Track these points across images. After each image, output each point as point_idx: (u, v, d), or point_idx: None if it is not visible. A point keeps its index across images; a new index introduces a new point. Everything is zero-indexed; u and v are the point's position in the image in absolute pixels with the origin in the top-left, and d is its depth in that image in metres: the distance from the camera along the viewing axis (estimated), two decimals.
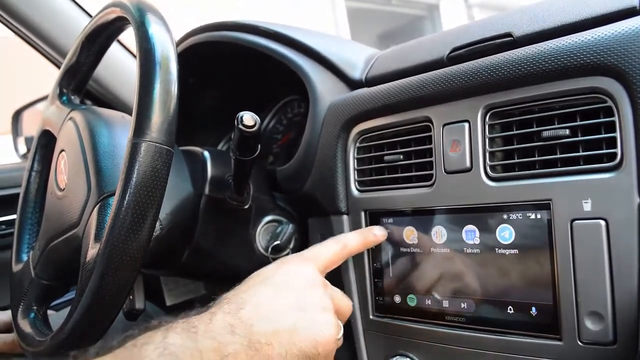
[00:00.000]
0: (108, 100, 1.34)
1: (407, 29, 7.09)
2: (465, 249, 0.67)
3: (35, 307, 0.73)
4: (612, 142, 0.57)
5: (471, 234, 0.67)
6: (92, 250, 0.60)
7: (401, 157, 0.75)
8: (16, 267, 0.80)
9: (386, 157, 0.77)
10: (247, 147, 0.75)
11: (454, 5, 7.21)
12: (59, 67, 1.14)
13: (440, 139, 0.70)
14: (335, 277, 0.82)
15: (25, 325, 0.71)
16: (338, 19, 6.00)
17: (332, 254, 0.69)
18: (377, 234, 0.75)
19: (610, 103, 0.57)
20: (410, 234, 0.73)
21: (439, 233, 0.70)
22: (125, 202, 0.53)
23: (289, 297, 0.60)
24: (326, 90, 0.88)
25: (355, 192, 0.81)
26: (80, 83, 0.82)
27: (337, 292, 0.67)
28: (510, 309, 0.63)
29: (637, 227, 0.54)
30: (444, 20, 7.01)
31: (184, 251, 0.84)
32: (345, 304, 0.68)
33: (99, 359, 0.46)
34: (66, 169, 0.72)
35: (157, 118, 0.54)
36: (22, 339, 0.70)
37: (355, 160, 0.81)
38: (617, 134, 0.57)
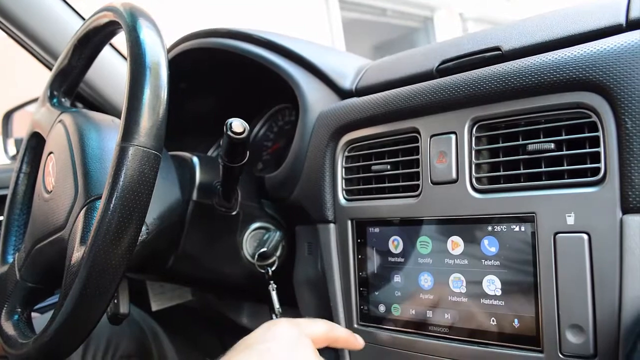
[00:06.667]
0: (99, 103, 1.34)
1: (401, 40, 7.13)
2: (449, 259, 0.68)
3: (19, 310, 0.73)
4: (596, 157, 0.58)
5: (456, 245, 0.67)
6: (77, 253, 0.60)
7: (388, 167, 0.76)
8: (1, 269, 0.79)
9: (374, 167, 0.77)
10: (236, 154, 0.75)
11: (448, 18, 7.26)
12: (50, 69, 1.14)
13: (427, 150, 0.70)
14: (322, 285, 0.83)
15: (9, 328, 0.70)
16: (333, 29, 6.02)
17: (320, 331, 0.68)
18: (359, 341, 0.74)
19: (594, 118, 0.58)
20: (395, 244, 0.74)
21: (425, 243, 0.70)
22: (112, 205, 0.53)
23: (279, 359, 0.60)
24: (316, 99, 0.89)
25: (342, 200, 0.81)
26: (71, 86, 0.82)
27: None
28: (493, 320, 0.64)
29: (619, 241, 0.55)
30: (438, 33, 7.06)
31: (170, 256, 0.84)
32: None
33: None
34: (54, 172, 0.72)
35: (145, 123, 0.54)
36: (5, 342, 0.69)
37: (343, 169, 0.82)
38: (601, 149, 0.57)
